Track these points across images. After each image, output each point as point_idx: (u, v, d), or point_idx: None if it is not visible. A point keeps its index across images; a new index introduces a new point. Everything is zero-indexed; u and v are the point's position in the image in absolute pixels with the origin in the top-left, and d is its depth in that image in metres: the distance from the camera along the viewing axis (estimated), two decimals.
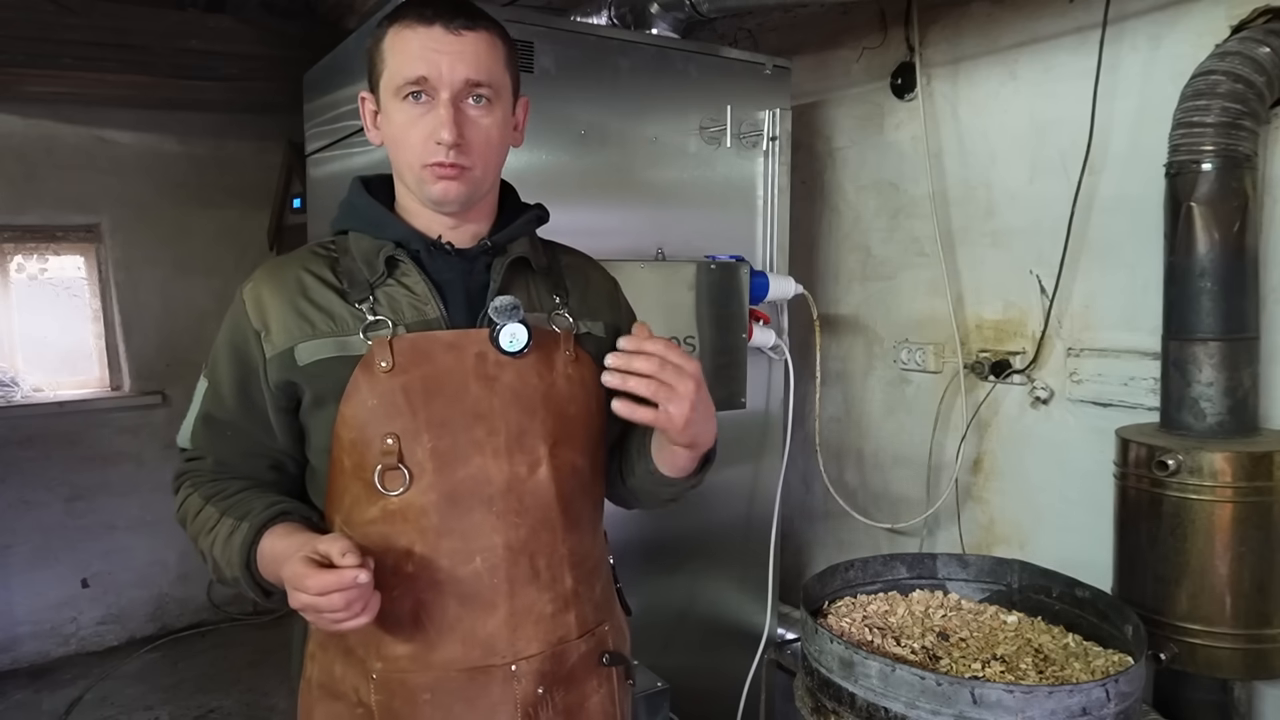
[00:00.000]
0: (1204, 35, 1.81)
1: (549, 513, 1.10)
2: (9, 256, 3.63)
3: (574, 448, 1.13)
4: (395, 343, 1.04)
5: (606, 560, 1.27)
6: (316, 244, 1.16)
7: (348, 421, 1.04)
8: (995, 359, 2.26)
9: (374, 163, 2.08)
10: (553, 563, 1.11)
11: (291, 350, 1.06)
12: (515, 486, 1.07)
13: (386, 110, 1.07)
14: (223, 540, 1.05)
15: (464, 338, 1.07)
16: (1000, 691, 1.30)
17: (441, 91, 1.02)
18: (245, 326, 1.08)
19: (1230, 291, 1.67)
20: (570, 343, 1.13)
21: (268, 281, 1.10)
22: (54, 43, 2.73)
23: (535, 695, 1.10)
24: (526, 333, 1.06)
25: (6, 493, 3.53)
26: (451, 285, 1.10)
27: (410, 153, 1.05)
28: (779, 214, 2.33)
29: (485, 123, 1.06)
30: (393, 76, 1.04)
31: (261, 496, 1.09)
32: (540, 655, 1.10)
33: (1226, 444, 1.64)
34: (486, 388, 1.07)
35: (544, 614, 1.10)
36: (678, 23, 2.31)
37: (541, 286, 1.16)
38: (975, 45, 2.30)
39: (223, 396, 1.11)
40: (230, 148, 3.88)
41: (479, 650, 1.07)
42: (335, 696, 1.12)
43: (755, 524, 2.34)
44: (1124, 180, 1.98)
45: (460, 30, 1.03)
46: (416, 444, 1.04)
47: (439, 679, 1.07)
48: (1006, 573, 1.81)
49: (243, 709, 3.20)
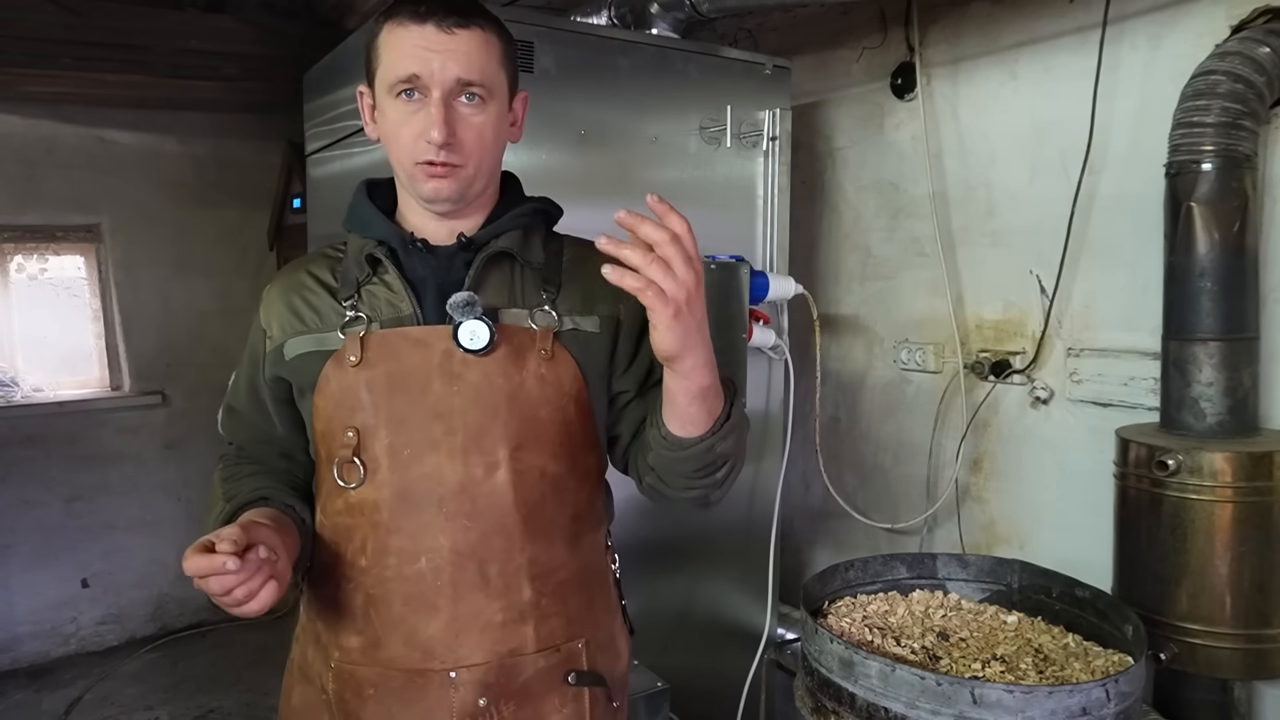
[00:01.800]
0: (1204, 35, 1.81)
1: (505, 518, 1.07)
2: (9, 256, 3.63)
3: (542, 451, 1.09)
4: (367, 338, 1.07)
5: (601, 574, 1.22)
6: (329, 246, 1.20)
7: (319, 413, 1.09)
8: (995, 359, 2.26)
9: (374, 163, 2.08)
10: (506, 571, 1.07)
11: (281, 346, 1.12)
12: (469, 488, 1.05)
13: (381, 106, 1.08)
14: (214, 519, 1.09)
15: (432, 334, 1.07)
16: (1000, 691, 1.30)
17: (433, 90, 1.03)
18: (258, 325, 1.17)
19: (1230, 291, 1.67)
20: (548, 341, 1.09)
21: (279, 283, 1.17)
22: (54, 43, 2.72)
23: (475, 706, 1.07)
24: (488, 330, 1.05)
25: (6, 493, 3.53)
26: (425, 282, 1.10)
27: (402, 150, 1.06)
28: (779, 214, 2.33)
29: (477, 121, 1.05)
30: (386, 73, 1.05)
31: (257, 480, 1.13)
32: (485, 665, 1.07)
33: (1226, 444, 1.63)
34: (448, 385, 1.06)
35: (491, 622, 1.07)
36: (678, 23, 2.30)
37: (529, 281, 1.13)
38: (975, 45, 2.30)
39: (239, 389, 1.20)
40: (230, 148, 3.87)
41: (419, 652, 1.06)
42: (308, 680, 1.16)
43: (755, 524, 2.34)
44: (1124, 180, 1.98)
45: (452, 28, 1.03)
46: (374, 439, 1.06)
47: (382, 676, 1.08)
48: (1006, 573, 1.81)
49: (243, 709, 3.20)
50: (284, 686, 1.20)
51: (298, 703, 1.17)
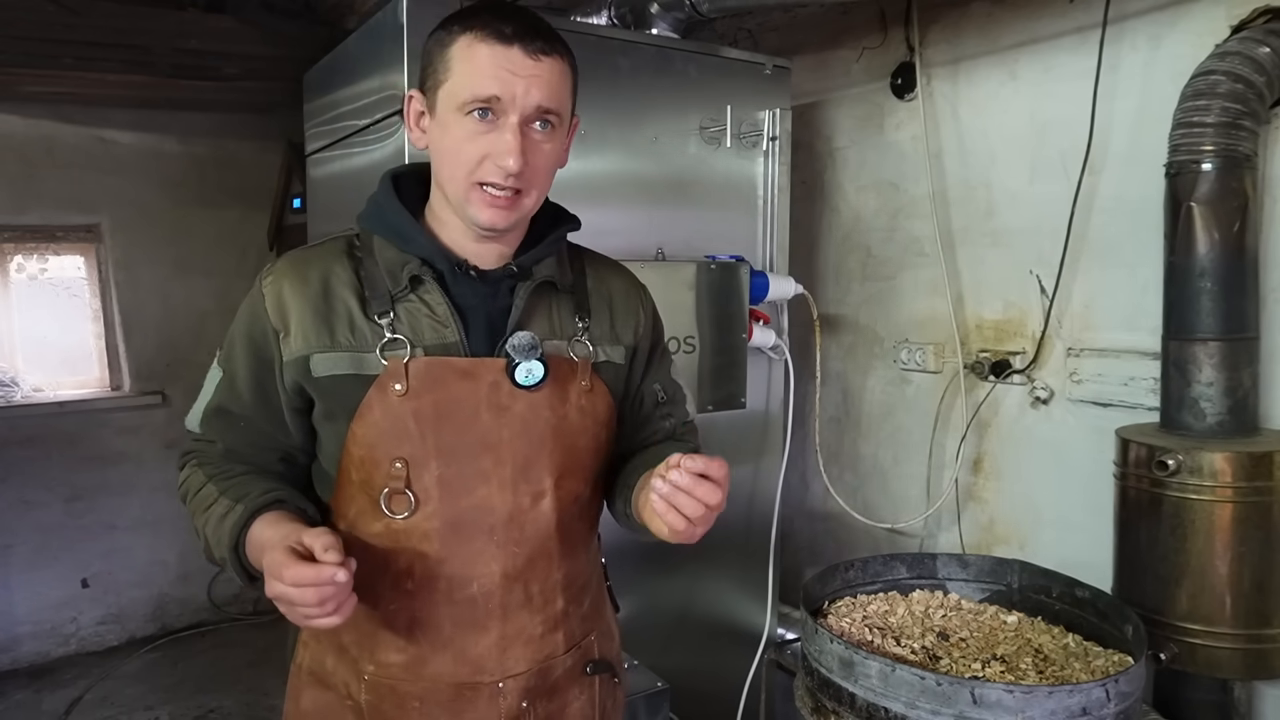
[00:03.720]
0: (1204, 35, 1.81)
1: (547, 542, 1.11)
2: (9, 256, 3.63)
3: (579, 478, 1.13)
4: (411, 365, 1.03)
5: (599, 568, 1.28)
6: (343, 238, 1.11)
7: (359, 439, 1.04)
8: (995, 359, 2.26)
9: (374, 163, 2.08)
10: (546, 588, 1.13)
11: (307, 359, 1.04)
12: (517, 517, 1.08)
13: (443, 120, 1.02)
14: (216, 520, 1.05)
15: (479, 366, 1.06)
16: (1000, 691, 1.30)
17: (511, 114, 0.99)
18: (264, 322, 1.06)
19: (1230, 291, 1.67)
20: (587, 373, 1.12)
21: (290, 277, 1.06)
22: (54, 43, 2.72)
23: (519, 708, 1.12)
24: (543, 369, 1.05)
25: (6, 493, 3.52)
26: (474, 310, 1.08)
27: (463, 168, 1.01)
28: (779, 214, 2.33)
29: (547, 148, 1.04)
30: (459, 89, 1.00)
31: (261, 481, 1.09)
32: (527, 673, 1.12)
33: (1226, 444, 1.64)
34: (497, 418, 1.06)
35: (533, 635, 1.12)
36: (678, 23, 2.30)
37: (565, 309, 1.13)
38: (975, 45, 2.30)
39: (239, 391, 1.10)
40: (230, 148, 3.87)
41: (469, 668, 1.10)
42: (326, 686, 1.14)
43: (755, 524, 2.34)
44: (1124, 180, 1.98)
45: (539, 55, 1.00)
46: (424, 470, 1.04)
47: (428, 690, 1.09)
48: (1006, 573, 1.81)
49: (243, 709, 3.20)
50: (290, 689, 1.18)
51: (309, 706, 1.16)
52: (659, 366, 1.25)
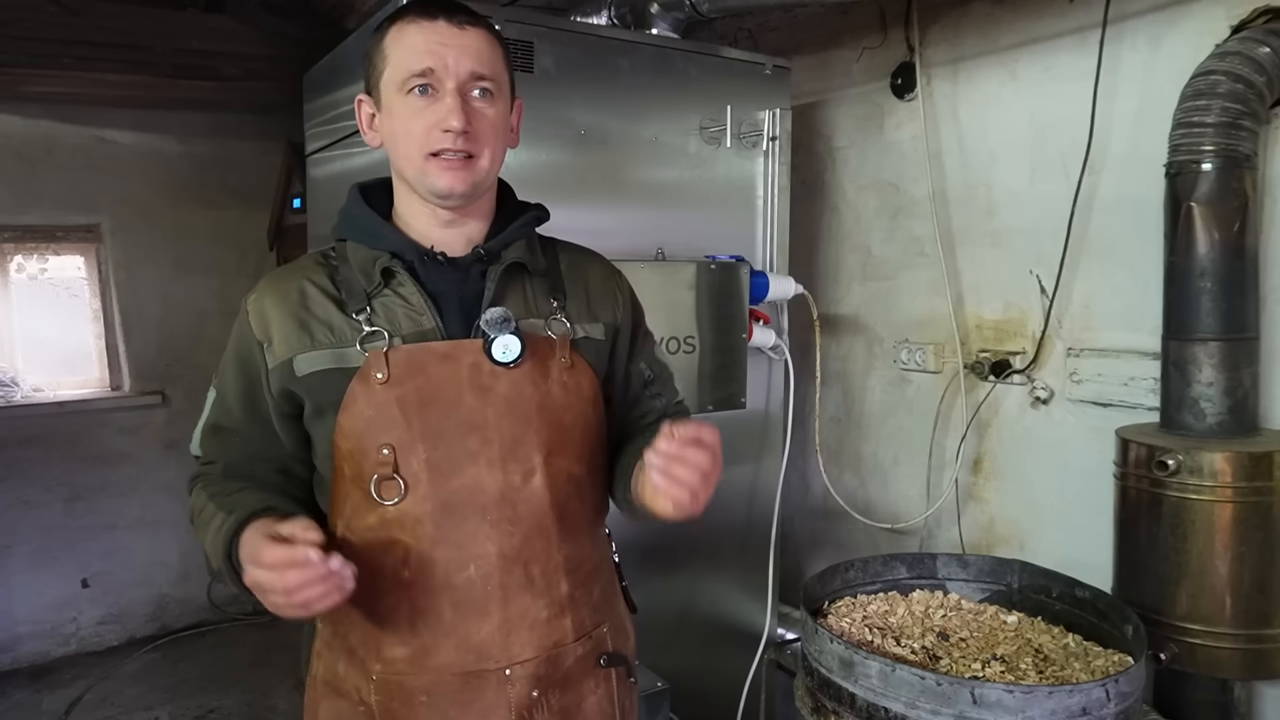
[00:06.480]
0: (1204, 35, 1.81)
1: (543, 520, 1.11)
2: (9, 256, 3.63)
3: (570, 455, 1.14)
4: (391, 354, 1.06)
5: (609, 561, 1.28)
6: (318, 252, 1.17)
7: (345, 432, 1.06)
8: (995, 359, 2.26)
9: (374, 163, 2.08)
10: (547, 570, 1.12)
11: (290, 361, 1.08)
12: (509, 495, 1.09)
13: (388, 106, 1.08)
14: (213, 532, 1.07)
15: (458, 348, 1.08)
16: (1000, 691, 1.30)
17: (447, 82, 1.04)
18: (249, 338, 1.11)
19: (1230, 291, 1.67)
20: (566, 349, 1.14)
21: (270, 293, 1.11)
22: (54, 43, 2.73)
23: (530, 698, 1.12)
24: (519, 344, 1.07)
25: (6, 493, 3.52)
26: (446, 296, 1.11)
27: (414, 145, 1.06)
28: (779, 214, 2.33)
29: (490, 113, 1.08)
30: (396, 71, 1.06)
31: (256, 494, 1.10)
32: (535, 659, 1.12)
33: (1226, 444, 1.64)
34: (481, 398, 1.08)
35: (538, 619, 1.12)
36: (678, 23, 2.30)
37: (539, 290, 1.16)
38: (975, 45, 2.30)
39: (230, 407, 1.14)
40: (230, 148, 3.87)
41: (473, 655, 1.09)
42: (339, 694, 1.14)
43: (755, 524, 2.34)
44: (1124, 180, 1.98)
45: (464, 25, 1.06)
46: (411, 454, 1.06)
47: (435, 682, 1.09)
48: (1006, 573, 1.81)
49: (243, 709, 3.20)
50: (307, 703, 1.19)
51: (326, 717, 1.16)
52: (643, 347, 1.28)
